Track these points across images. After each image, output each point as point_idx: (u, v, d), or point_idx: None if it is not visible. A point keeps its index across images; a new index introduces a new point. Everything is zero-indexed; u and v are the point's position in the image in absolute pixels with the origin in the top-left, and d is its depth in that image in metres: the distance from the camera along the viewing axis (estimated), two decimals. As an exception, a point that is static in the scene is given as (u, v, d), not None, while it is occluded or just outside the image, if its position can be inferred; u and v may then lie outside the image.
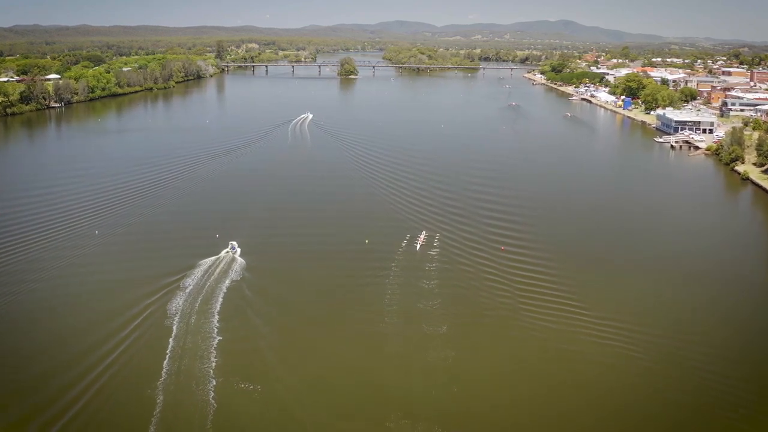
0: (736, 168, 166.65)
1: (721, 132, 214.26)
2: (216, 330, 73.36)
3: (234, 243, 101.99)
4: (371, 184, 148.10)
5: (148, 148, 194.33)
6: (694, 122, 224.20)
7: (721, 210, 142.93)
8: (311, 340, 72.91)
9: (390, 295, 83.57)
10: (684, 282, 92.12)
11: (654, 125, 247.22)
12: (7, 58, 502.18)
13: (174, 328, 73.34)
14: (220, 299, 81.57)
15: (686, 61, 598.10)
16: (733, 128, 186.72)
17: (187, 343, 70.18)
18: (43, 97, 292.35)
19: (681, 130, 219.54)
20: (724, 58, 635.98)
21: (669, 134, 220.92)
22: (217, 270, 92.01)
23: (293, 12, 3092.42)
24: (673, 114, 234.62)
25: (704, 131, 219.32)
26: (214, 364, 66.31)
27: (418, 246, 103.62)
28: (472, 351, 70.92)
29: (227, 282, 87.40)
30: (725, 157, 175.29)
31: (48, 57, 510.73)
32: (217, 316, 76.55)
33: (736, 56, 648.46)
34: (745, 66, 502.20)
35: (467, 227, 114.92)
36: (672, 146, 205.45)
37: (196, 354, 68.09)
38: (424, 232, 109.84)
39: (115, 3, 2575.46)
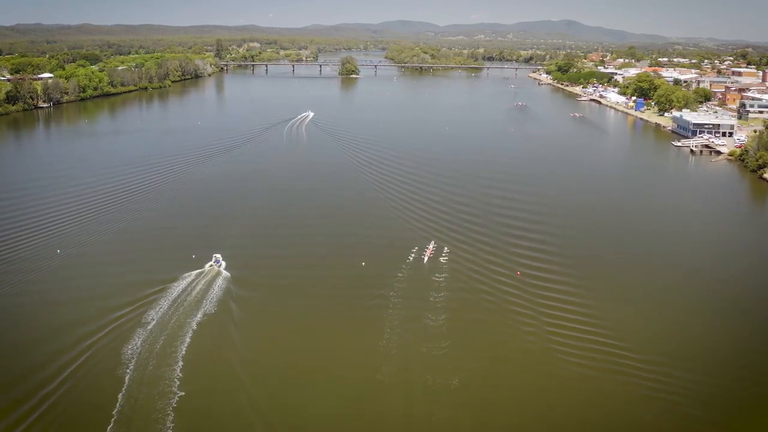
0: (765, 176, 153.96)
1: (742, 135, 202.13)
2: (178, 383, 60.90)
3: (218, 256, 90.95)
4: (373, 188, 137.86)
5: (132, 152, 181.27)
6: (713, 125, 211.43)
7: (763, 226, 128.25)
8: (292, 395, 60.25)
9: (390, 333, 70.74)
10: (735, 315, 78.93)
11: (669, 128, 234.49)
12: (5, 56, 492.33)
13: (126, 378, 60.70)
14: (189, 337, 68.92)
15: (693, 61, 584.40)
16: (760, 132, 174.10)
17: (140, 398, 57.80)
18: (31, 97, 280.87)
19: (699, 134, 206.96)
20: (731, 59, 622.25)
21: (686, 137, 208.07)
22: (193, 293, 79.96)
23: (296, 11, 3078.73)
24: (690, 116, 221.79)
25: (724, 134, 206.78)
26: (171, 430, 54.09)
27: (426, 258, 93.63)
28: (491, 412, 58.26)
29: (200, 314, 74.65)
30: (752, 163, 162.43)
31: (47, 55, 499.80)
32: (181, 363, 63.88)
33: (743, 56, 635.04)
34: (753, 66, 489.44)
35: (480, 236, 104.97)
36: (692, 151, 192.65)
37: (150, 414, 55.67)
38: (433, 242, 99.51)
39: (117, 2, 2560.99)
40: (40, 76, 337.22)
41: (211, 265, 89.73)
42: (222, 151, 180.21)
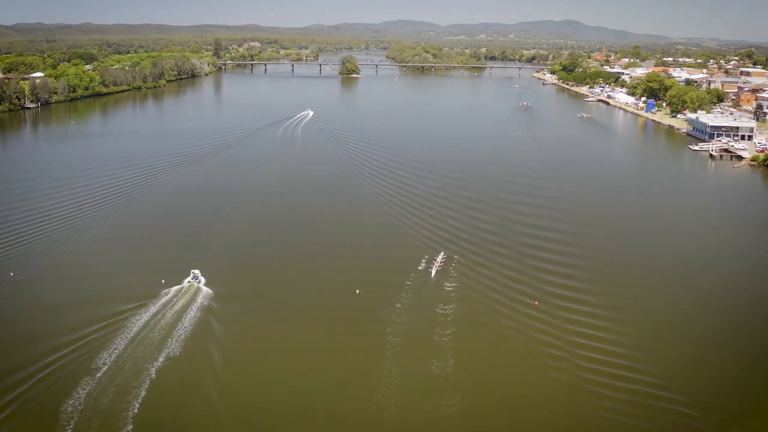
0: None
1: (762, 138, 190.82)
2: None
3: (196, 272, 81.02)
4: (373, 192, 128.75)
5: (112, 156, 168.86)
6: (732, 127, 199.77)
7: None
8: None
9: (387, 385, 58.76)
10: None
11: (684, 130, 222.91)
12: (1, 56, 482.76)
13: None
14: (146, 388, 57.62)
15: (698, 60, 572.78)
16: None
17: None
18: (17, 97, 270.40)
19: (717, 137, 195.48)
20: (737, 58, 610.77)
21: (703, 141, 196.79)
22: (164, 319, 68.96)
23: (297, 11, 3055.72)
24: (706, 118, 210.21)
25: (743, 138, 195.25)
26: None
27: (434, 271, 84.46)
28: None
29: (162, 354, 62.71)
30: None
31: (44, 54, 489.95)
32: (131, 424, 52.68)
33: (749, 56, 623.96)
34: (759, 66, 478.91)
35: (492, 244, 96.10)
36: (711, 155, 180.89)
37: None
38: (442, 253, 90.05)
39: (119, 1, 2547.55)
40: (31, 75, 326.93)
41: (189, 282, 79.71)
42: (211, 153, 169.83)
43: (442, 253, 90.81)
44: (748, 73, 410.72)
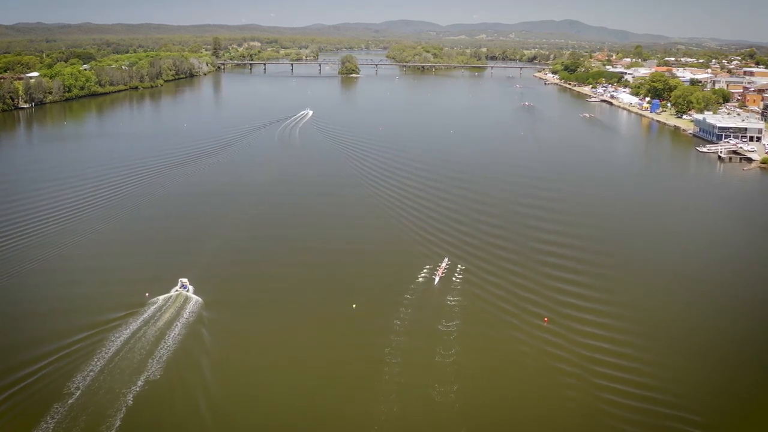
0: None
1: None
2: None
3: (184, 280, 76.90)
4: (372, 195, 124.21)
5: (101, 158, 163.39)
6: (740, 129, 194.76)
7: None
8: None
9: (386, 408, 53.86)
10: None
11: (690, 131, 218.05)
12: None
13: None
14: (120, 417, 52.64)
15: (700, 60, 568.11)
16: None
17: None
18: (11, 97, 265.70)
19: (724, 138, 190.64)
20: (739, 58, 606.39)
21: (711, 142, 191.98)
22: (147, 334, 64.26)
23: (297, 11, 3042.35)
24: (714, 119, 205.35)
25: (751, 139, 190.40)
26: None
27: (437, 279, 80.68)
28: None
29: (141, 378, 57.99)
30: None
31: (43, 54, 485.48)
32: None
33: (751, 56, 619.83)
34: (762, 66, 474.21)
35: (500, 249, 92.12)
36: (720, 157, 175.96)
37: None
38: (446, 259, 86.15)
39: (118, 1, 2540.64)
40: (26, 75, 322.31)
41: (177, 291, 75.46)
42: (207, 154, 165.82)
43: (446, 259, 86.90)
44: (751, 73, 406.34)
